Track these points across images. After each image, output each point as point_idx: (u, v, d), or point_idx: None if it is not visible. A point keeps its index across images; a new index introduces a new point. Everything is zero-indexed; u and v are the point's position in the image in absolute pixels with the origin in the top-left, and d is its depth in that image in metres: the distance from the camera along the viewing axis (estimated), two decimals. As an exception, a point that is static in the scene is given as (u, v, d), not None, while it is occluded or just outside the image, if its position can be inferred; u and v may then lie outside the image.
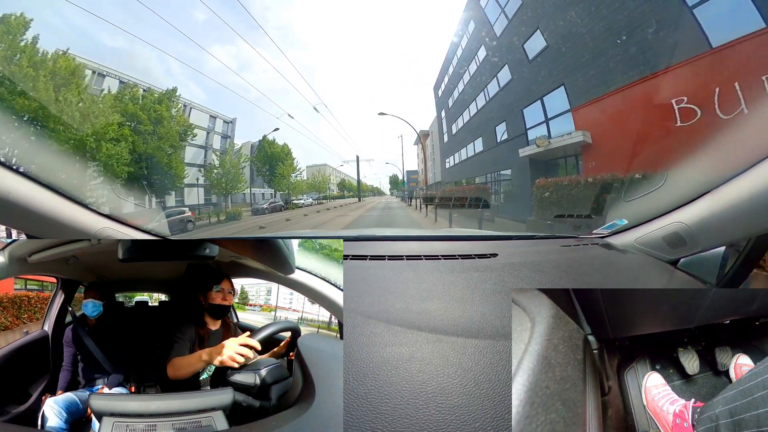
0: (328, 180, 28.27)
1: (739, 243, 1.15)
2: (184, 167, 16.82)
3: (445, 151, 22.23)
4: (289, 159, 22.90)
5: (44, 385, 1.18)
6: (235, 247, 1.20)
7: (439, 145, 23.99)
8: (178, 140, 16.68)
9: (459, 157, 19.51)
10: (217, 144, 21.91)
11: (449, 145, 21.50)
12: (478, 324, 0.80)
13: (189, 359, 0.99)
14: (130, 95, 15.44)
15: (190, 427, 0.75)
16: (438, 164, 24.32)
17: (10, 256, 1.09)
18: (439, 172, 23.97)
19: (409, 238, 1.60)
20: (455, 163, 20.25)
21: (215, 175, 19.04)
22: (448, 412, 0.58)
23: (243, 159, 20.58)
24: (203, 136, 20.60)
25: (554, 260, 1.24)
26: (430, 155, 28.18)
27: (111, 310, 1.30)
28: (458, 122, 19.67)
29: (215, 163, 19.96)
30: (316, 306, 1.29)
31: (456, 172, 19.99)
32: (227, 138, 22.81)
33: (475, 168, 16.88)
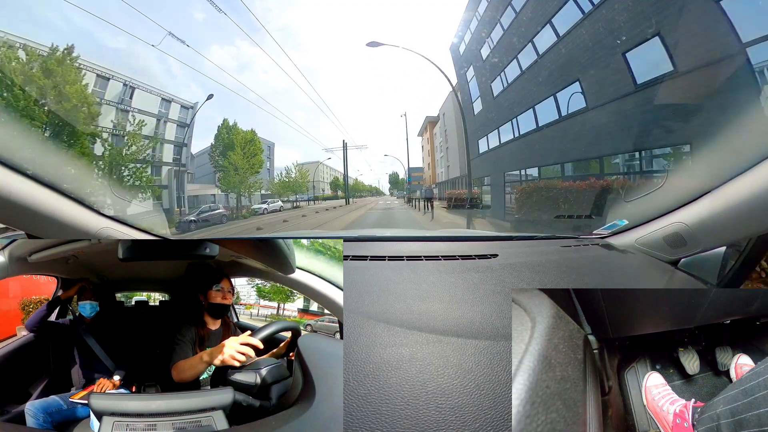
0: (309, 178, 23.17)
1: (739, 243, 1.15)
2: (92, 161, 11.39)
3: (478, 128, 15.13)
4: (252, 148, 18.34)
5: (44, 385, 1.18)
6: (236, 246, 1.20)
7: (462, 125, 16.77)
8: (85, 121, 11.31)
9: (510, 132, 12.24)
10: (171, 135, 17.54)
11: (485, 118, 14.55)
12: (479, 325, 0.80)
13: (191, 362, 0.99)
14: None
15: (190, 426, 0.75)
16: (455, 153, 19.33)
17: (10, 255, 1.09)
18: (457, 163, 18.82)
19: (409, 239, 1.60)
20: (500, 143, 13.19)
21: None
22: (448, 412, 0.58)
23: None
24: (152, 124, 16.11)
25: (554, 261, 1.24)
26: (440, 146, 23.51)
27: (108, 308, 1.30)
28: (507, 74, 12.32)
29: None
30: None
31: (505, 156, 12.67)
32: (186, 127, 18.17)
33: (566, 143, 9.06)
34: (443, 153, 23.28)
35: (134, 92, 15.62)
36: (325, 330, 1.42)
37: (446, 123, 22.09)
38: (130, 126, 13.78)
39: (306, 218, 15.08)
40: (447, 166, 22.62)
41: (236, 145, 17.94)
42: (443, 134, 22.81)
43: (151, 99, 16.58)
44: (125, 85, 15.25)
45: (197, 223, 14.05)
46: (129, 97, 15.36)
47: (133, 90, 15.63)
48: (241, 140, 18.06)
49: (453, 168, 20.75)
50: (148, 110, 16.05)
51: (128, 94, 15.38)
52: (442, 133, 23.06)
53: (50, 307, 1.19)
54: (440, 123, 23.56)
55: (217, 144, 18.53)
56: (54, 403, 0.97)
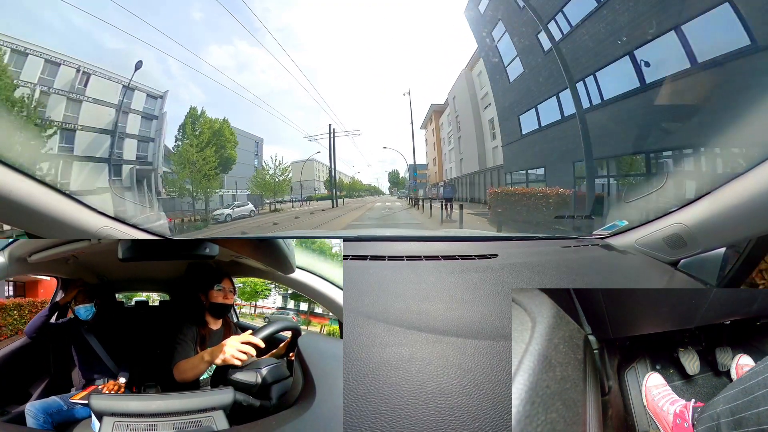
0: (295, 175, 20.43)
1: (739, 244, 1.15)
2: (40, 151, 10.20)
3: (518, 99, 11.06)
4: (220, 140, 15.65)
5: (44, 385, 1.18)
6: (236, 246, 1.20)
7: (477, 109, 14.94)
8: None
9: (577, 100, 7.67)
10: (134, 128, 15.06)
11: (533, 82, 10.20)
12: (478, 325, 0.80)
13: (192, 361, 0.99)
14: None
15: (190, 426, 0.75)
16: (472, 142, 16.01)
17: (10, 255, 1.09)
18: (474, 154, 15.55)
19: (409, 239, 1.60)
20: (563, 117, 8.90)
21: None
22: (447, 412, 0.58)
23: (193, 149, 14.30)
24: (110, 115, 14.01)
25: (554, 261, 1.24)
26: (449, 137, 20.10)
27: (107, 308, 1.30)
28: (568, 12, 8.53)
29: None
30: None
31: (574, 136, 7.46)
32: (153, 119, 15.89)
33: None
34: (453, 145, 19.98)
35: (90, 79, 13.61)
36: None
37: (458, 107, 18.54)
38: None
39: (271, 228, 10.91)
40: (460, 159, 19.17)
41: (188, 134, 14.94)
42: (453, 122, 19.48)
43: (111, 87, 14.35)
44: (79, 71, 13.23)
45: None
46: (83, 85, 13.38)
47: (89, 76, 13.55)
48: (206, 129, 15.50)
49: (469, 161, 17.26)
50: (106, 100, 14.02)
51: (83, 81, 13.40)
52: (452, 121, 19.75)
53: (50, 312, 1.19)
54: (449, 110, 20.20)
55: (185, 136, 15.63)
56: (54, 403, 0.97)
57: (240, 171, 19.04)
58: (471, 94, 16.54)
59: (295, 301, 1.58)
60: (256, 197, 18.87)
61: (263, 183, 18.89)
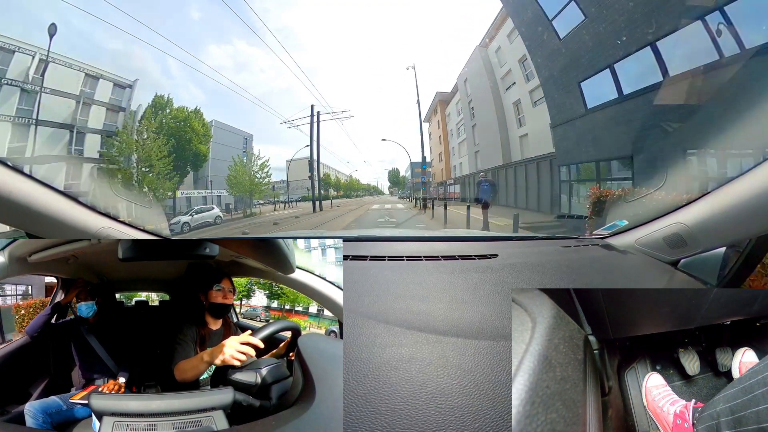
0: (268, 172, 16.98)
1: (739, 244, 1.15)
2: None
3: (573, 61, 8.31)
4: (185, 133, 13.40)
5: (44, 385, 1.18)
6: (236, 246, 1.20)
7: (497, 92, 12.44)
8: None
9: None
10: (98, 122, 13.12)
11: (602, 29, 7.31)
12: (478, 325, 0.80)
13: (192, 362, 0.99)
14: None
15: (190, 426, 0.75)
16: (491, 132, 13.27)
17: (10, 255, 1.09)
18: (497, 144, 12.69)
19: (409, 239, 1.60)
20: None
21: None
22: (448, 412, 0.58)
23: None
24: (70, 108, 12.22)
25: (554, 261, 1.23)
26: (459, 128, 17.18)
27: (108, 308, 1.30)
28: None
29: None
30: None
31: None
32: (120, 112, 13.81)
33: None
34: (464, 136, 16.86)
35: (47, 67, 11.97)
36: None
37: (471, 91, 15.44)
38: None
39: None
40: (475, 151, 15.83)
41: (125, 124, 12.23)
42: (465, 109, 16.46)
43: (72, 76, 12.60)
44: (34, 59, 11.91)
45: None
46: (41, 74, 11.85)
47: (47, 65, 11.93)
48: (170, 120, 13.25)
49: (489, 153, 14.08)
50: (66, 90, 12.27)
51: (40, 70, 11.89)
52: (463, 109, 16.77)
53: (52, 312, 1.19)
54: (458, 97, 17.31)
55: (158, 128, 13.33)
56: (54, 403, 0.97)
57: (224, 170, 16.84)
58: (488, 74, 13.87)
59: (269, 298, 1.59)
60: (243, 199, 16.92)
61: (237, 181, 16.10)
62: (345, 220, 12.35)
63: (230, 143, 18.08)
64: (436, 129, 20.76)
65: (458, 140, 18.49)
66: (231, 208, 16.20)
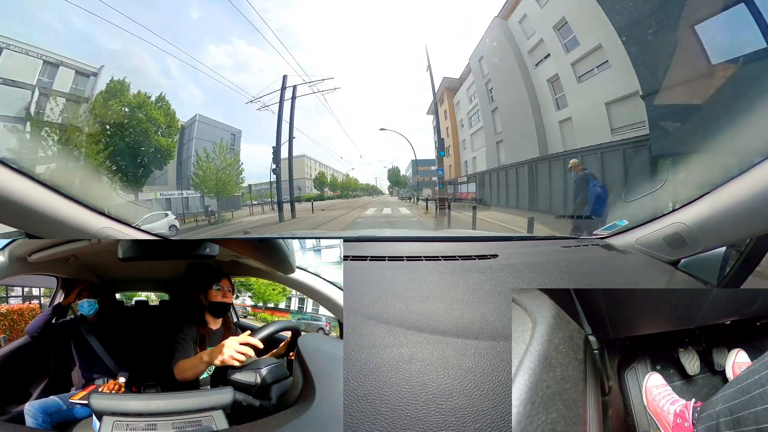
0: (239, 168, 14.16)
1: (739, 243, 1.15)
2: None
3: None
4: (138, 123, 11.26)
5: (44, 385, 1.18)
6: (236, 246, 1.20)
7: (522, 62, 10.31)
8: None
9: None
10: (55, 115, 11.13)
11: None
12: (479, 325, 0.80)
13: (192, 361, 0.99)
14: None
15: (190, 426, 0.75)
16: (523, 114, 10.77)
17: (10, 255, 1.09)
18: (530, 128, 10.30)
19: (409, 239, 1.60)
20: None
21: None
22: (448, 413, 0.58)
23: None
24: (24, 99, 10.69)
25: (555, 261, 1.23)
26: (469, 116, 14.75)
27: (108, 308, 1.30)
28: None
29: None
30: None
31: None
32: (84, 104, 12.01)
33: None
34: (479, 125, 13.89)
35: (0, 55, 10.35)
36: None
37: (489, 71, 12.66)
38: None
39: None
40: (496, 142, 12.75)
41: (74, 116, 10.12)
42: (482, 92, 13.74)
43: (28, 63, 11.08)
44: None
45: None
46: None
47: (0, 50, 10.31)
48: (116, 108, 10.94)
49: (516, 144, 11.24)
50: (20, 79, 10.68)
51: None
52: (478, 93, 14.12)
53: (53, 312, 1.19)
54: (470, 80, 14.44)
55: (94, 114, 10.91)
56: (53, 403, 0.97)
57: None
58: (512, 48, 11.49)
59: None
60: (233, 199, 14.68)
61: (201, 178, 13.37)
62: (332, 224, 10.51)
63: (216, 139, 15.44)
64: (443, 120, 17.76)
65: (470, 131, 15.43)
66: (211, 211, 13.77)
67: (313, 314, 1.50)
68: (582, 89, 9.43)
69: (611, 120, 8.57)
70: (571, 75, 9.97)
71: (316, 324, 1.48)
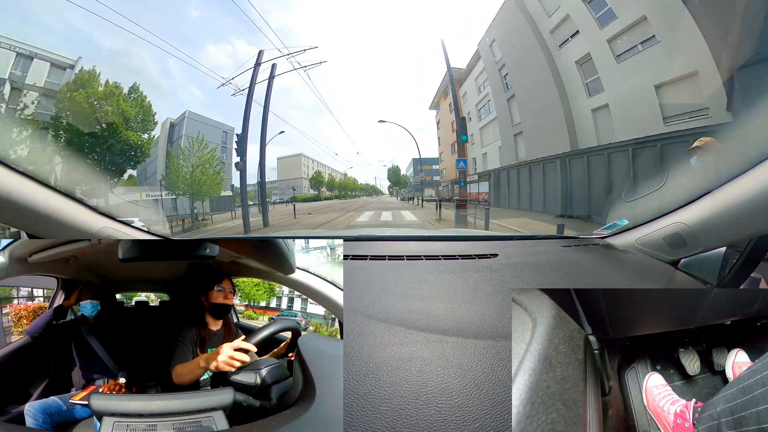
0: (216, 167, 12.45)
1: (740, 244, 1.15)
2: None
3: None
4: (100, 114, 9.71)
5: (44, 385, 1.18)
6: (236, 246, 1.20)
7: (570, 25, 8.77)
8: None
9: None
10: (28, 111, 10.06)
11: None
12: (479, 324, 0.80)
13: (189, 366, 0.99)
14: None
15: (190, 427, 0.75)
16: (549, 101, 9.28)
17: (10, 256, 1.09)
18: (554, 121, 8.88)
19: (409, 238, 1.60)
20: None
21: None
22: (448, 412, 0.58)
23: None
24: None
25: (555, 260, 1.23)
26: (478, 108, 13.23)
27: (109, 308, 1.30)
28: None
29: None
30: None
31: None
32: (18, 90, 10.21)
33: None
34: (491, 116, 12.49)
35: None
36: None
37: (502, 55, 11.25)
38: None
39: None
40: (515, 134, 10.57)
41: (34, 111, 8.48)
42: (495, 78, 12.19)
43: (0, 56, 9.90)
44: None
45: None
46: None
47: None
48: (83, 100, 9.54)
49: (539, 134, 9.43)
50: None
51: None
52: (491, 79, 12.45)
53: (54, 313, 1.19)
54: (481, 67, 13.05)
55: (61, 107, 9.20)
56: (53, 403, 0.97)
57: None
58: (531, 28, 9.93)
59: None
60: (222, 200, 12.99)
61: (175, 177, 11.66)
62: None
63: (207, 137, 14.11)
64: (447, 114, 16.18)
65: (480, 124, 13.69)
66: (196, 215, 12.09)
67: (288, 310, 1.56)
68: (622, 71, 7.71)
69: (663, 107, 6.95)
70: (608, 54, 8.31)
71: (293, 319, 1.53)
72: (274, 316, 1.56)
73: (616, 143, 7.77)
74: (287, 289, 1.56)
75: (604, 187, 7.91)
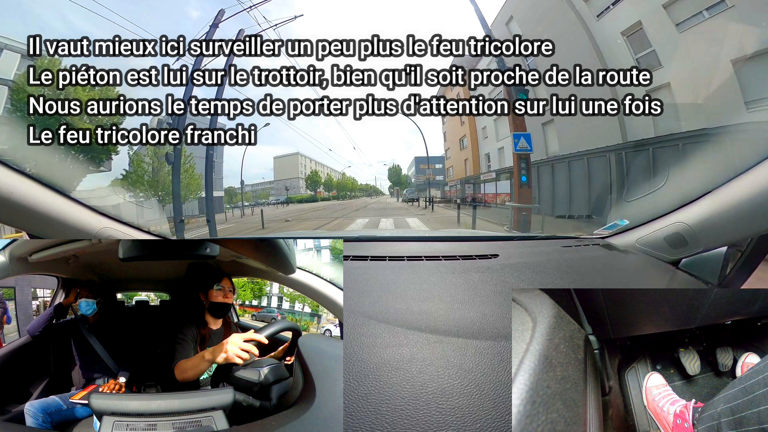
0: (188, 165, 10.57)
1: (740, 243, 1.15)
2: None
3: None
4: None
5: (44, 385, 1.18)
6: (236, 246, 1.20)
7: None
8: None
9: None
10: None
11: None
12: (479, 325, 0.80)
13: (193, 361, 0.99)
14: None
15: (190, 426, 0.75)
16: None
17: (10, 255, 1.09)
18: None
19: (409, 239, 1.60)
20: None
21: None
22: (448, 413, 0.58)
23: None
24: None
25: (555, 261, 1.23)
26: (493, 91, 7.70)
27: (108, 308, 1.30)
28: None
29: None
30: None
31: None
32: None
33: None
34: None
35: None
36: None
37: (522, 29, 9.22)
38: None
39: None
40: (543, 123, 8.94)
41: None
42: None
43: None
44: None
45: None
46: None
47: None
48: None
49: (575, 125, 7.76)
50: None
51: None
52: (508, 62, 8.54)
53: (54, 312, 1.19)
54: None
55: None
56: (54, 403, 0.97)
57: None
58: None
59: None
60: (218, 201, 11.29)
61: (134, 176, 10.44)
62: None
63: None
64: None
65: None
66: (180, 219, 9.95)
67: (267, 306, 1.60)
68: (687, 42, 5.84)
69: (744, 89, 5.10)
70: (666, 22, 6.38)
71: (269, 315, 1.57)
72: (256, 313, 1.60)
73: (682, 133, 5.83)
74: (277, 290, 1.60)
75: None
